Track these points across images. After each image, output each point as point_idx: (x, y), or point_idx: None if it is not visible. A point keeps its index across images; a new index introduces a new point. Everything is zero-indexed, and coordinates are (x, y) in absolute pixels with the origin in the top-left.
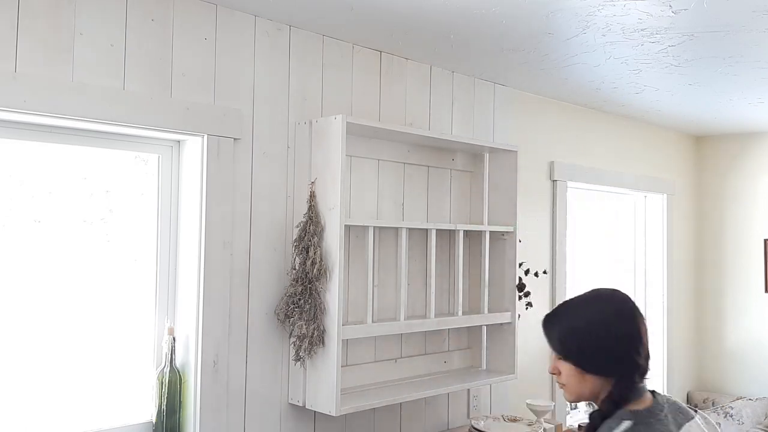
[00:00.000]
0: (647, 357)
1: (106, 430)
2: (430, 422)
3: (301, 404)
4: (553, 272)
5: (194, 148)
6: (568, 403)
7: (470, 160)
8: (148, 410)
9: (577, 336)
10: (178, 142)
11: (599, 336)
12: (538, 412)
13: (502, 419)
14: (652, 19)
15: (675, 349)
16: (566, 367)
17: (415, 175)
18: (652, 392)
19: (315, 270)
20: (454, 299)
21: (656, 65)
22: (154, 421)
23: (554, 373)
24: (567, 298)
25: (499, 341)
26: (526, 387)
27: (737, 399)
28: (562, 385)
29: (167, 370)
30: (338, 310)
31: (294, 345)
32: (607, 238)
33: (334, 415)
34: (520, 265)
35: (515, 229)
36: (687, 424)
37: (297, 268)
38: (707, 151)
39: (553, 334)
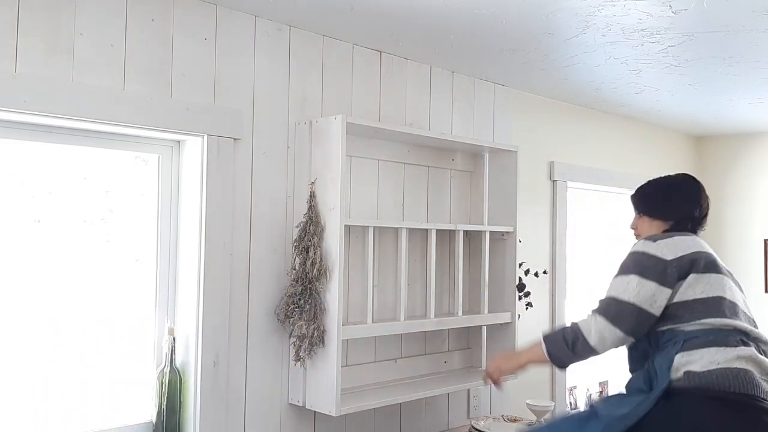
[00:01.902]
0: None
1: (106, 430)
2: (430, 422)
3: (301, 404)
4: (553, 272)
5: (194, 148)
6: (569, 403)
7: (470, 160)
8: (148, 410)
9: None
10: (178, 142)
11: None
12: (538, 412)
13: (502, 419)
14: (652, 19)
15: None
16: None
17: (415, 175)
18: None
19: (315, 270)
20: (453, 299)
21: (656, 65)
22: (154, 421)
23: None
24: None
25: (499, 341)
26: (526, 387)
27: None
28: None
29: (167, 370)
30: (338, 310)
31: (294, 345)
32: (607, 238)
33: (334, 415)
34: (520, 265)
35: (515, 229)
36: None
37: (297, 268)
38: (707, 151)
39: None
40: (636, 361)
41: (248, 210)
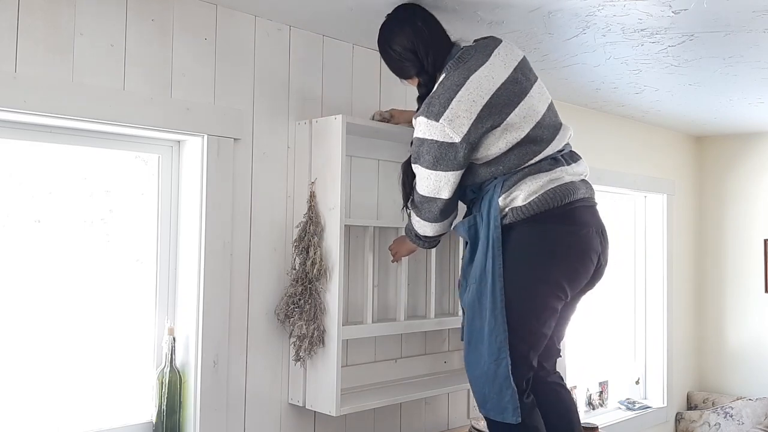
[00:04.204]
0: None
1: (106, 430)
2: (430, 422)
3: (301, 404)
4: None
5: (194, 148)
6: None
7: None
8: (148, 410)
9: None
10: (178, 142)
11: None
12: None
13: None
14: (652, 19)
15: (675, 349)
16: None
17: None
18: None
19: (315, 270)
20: (454, 299)
21: (656, 65)
22: (154, 421)
23: None
24: None
25: None
26: None
27: (737, 399)
28: None
29: (167, 370)
30: (338, 310)
31: (294, 345)
32: None
33: (334, 415)
34: None
35: None
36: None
37: (297, 268)
38: (707, 151)
39: None
40: (467, 207)
41: (248, 210)
